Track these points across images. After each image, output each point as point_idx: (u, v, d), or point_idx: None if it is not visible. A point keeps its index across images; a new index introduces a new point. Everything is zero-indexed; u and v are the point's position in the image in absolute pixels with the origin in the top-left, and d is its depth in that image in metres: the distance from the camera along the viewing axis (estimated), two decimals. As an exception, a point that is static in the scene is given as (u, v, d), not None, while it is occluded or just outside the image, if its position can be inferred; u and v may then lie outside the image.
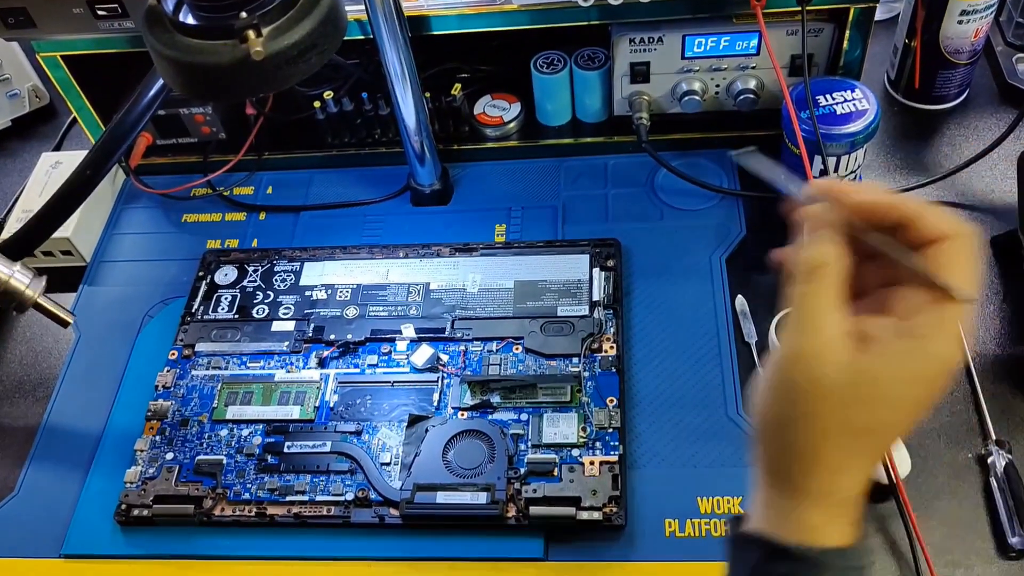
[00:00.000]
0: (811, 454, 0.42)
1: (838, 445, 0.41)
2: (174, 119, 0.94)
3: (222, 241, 0.91)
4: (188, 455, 0.74)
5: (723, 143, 0.91)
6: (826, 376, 0.40)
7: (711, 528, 0.67)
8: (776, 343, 0.74)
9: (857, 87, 0.80)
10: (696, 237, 0.84)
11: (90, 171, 0.74)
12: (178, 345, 0.81)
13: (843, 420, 0.41)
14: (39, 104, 1.09)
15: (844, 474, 0.42)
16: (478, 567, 0.67)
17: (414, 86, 0.80)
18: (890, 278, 0.42)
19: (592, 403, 0.73)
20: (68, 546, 0.71)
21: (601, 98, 0.91)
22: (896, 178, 0.88)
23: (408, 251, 0.85)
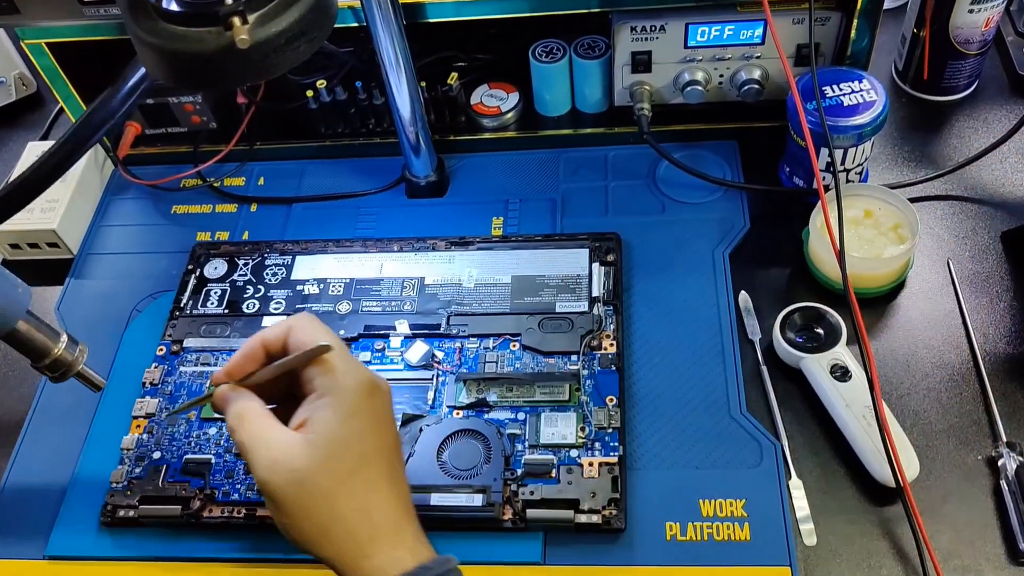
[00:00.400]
0: (336, 530, 0.53)
1: (347, 511, 0.53)
2: (163, 108, 0.92)
3: (212, 233, 0.89)
4: (176, 454, 0.72)
5: (726, 134, 0.88)
6: (292, 484, 0.52)
7: (713, 532, 0.65)
8: (781, 341, 0.72)
9: (865, 78, 0.78)
10: (698, 231, 0.82)
11: (56, 160, 0.71)
12: (166, 341, 0.79)
13: (328, 501, 0.52)
14: (26, 92, 1.07)
15: (368, 516, 0.53)
16: (474, 571, 0.65)
17: (409, 75, 0.78)
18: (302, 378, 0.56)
19: (591, 402, 0.71)
20: (52, 547, 0.69)
21: (601, 88, 0.89)
22: (904, 171, 0.86)
23: (403, 244, 0.83)
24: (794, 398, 0.72)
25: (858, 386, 0.69)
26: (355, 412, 0.54)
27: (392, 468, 0.56)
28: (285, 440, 0.53)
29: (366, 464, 0.54)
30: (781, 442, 0.69)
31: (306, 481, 0.52)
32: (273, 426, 0.54)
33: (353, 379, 0.55)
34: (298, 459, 0.53)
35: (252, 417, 0.55)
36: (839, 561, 0.64)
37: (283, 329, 0.57)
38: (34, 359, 0.63)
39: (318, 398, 0.55)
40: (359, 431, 0.54)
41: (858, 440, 0.67)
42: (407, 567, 0.52)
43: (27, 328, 0.60)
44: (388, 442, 0.56)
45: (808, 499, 0.67)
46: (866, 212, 0.78)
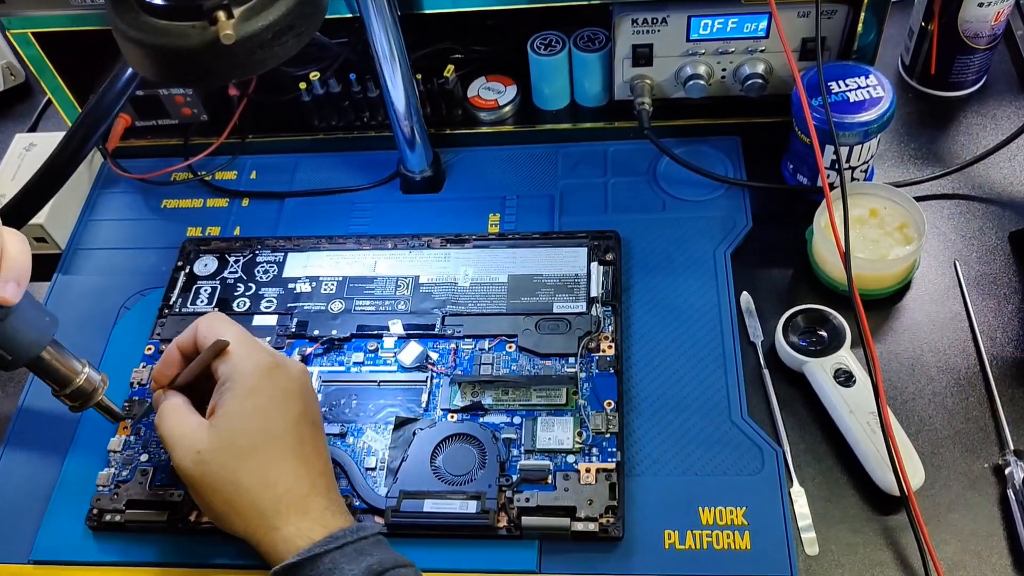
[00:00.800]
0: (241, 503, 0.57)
1: (249, 484, 0.57)
2: (153, 100, 0.90)
3: (203, 228, 0.87)
4: (164, 457, 0.70)
5: (729, 130, 0.86)
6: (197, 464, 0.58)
7: (713, 540, 0.63)
8: (783, 344, 0.70)
9: (872, 73, 0.76)
10: (700, 230, 0.80)
11: (64, 159, 0.71)
12: (155, 339, 0.77)
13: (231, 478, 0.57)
14: (14, 82, 1.05)
15: (271, 489, 0.57)
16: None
17: (403, 67, 0.76)
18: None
19: (589, 406, 0.69)
20: (37, 551, 0.68)
21: (601, 82, 0.87)
22: (910, 169, 0.84)
23: (397, 241, 0.81)
24: (796, 402, 0.70)
25: (862, 391, 0.67)
26: (253, 391, 0.59)
27: (299, 440, 0.60)
28: (192, 425, 0.60)
29: (266, 440, 0.58)
30: (783, 448, 0.67)
31: (210, 461, 0.58)
32: (186, 416, 0.61)
33: (250, 362, 0.60)
34: (202, 441, 0.58)
35: (169, 412, 0.61)
36: (841, 571, 0.62)
37: (191, 331, 0.64)
38: (55, 387, 0.64)
39: (221, 385, 0.61)
40: (258, 409, 0.59)
41: (862, 447, 0.65)
42: (315, 537, 0.55)
43: (51, 357, 0.62)
44: (293, 416, 0.60)
45: (810, 507, 0.65)
46: (871, 211, 0.76)
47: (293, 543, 0.55)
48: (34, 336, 0.60)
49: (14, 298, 0.55)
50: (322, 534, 0.56)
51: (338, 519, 0.58)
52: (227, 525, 0.59)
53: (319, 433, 0.62)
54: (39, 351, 0.61)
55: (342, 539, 0.55)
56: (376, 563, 0.55)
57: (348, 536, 0.55)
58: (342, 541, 0.55)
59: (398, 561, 0.56)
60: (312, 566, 0.54)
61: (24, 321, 0.58)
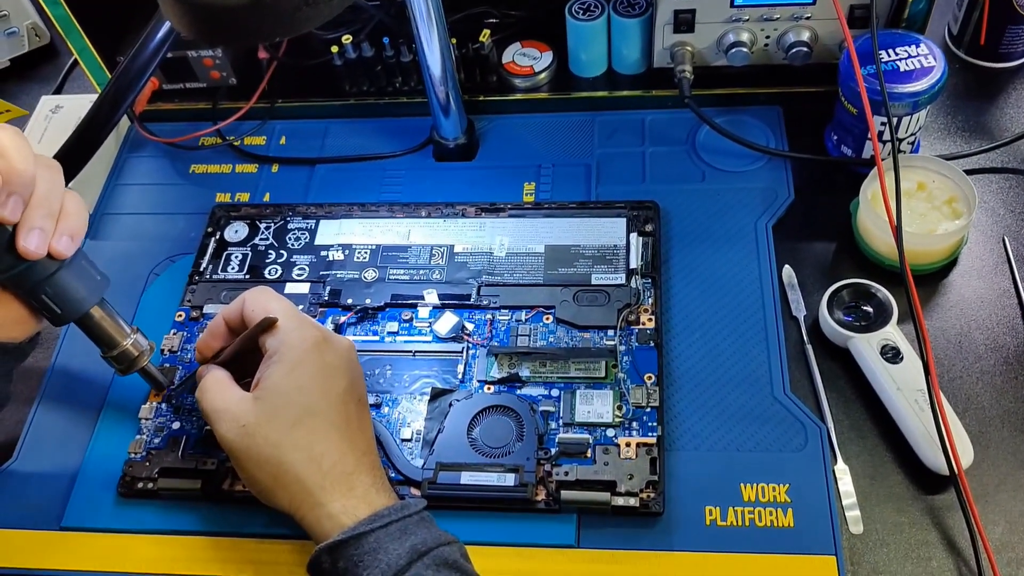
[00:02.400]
0: (286, 478, 0.57)
1: (294, 459, 0.56)
2: (182, 62, 0.88)
3: (232, 195, 0.86)
4: (196, 425, 0.69)
5: (771, 100, 0.84)
6: (242, 437, 0.57)
7: (755, 517, 0.62)
8: (828, 319, 0.69)
9: (922, 41, 0.74)
10: (741, 201, 0.78)
11: (96, 125, 0.70)
12: (185, 306, 0.76)
13: (276, 452, 0.57)
14: (39, 43, 1.03)
15: (316, 464, 0.56)
16: (505, 553, 0.63)
17: (440, 31, 0.74)
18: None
19: (628, 380, 0.68)
20: (68, 518, 0.67)
21: (640, 48, 0.85)
22: (957, 142, 0.82)
23: (431, 210, 0.80)
24: (840, 379, 0.69)
25: (910, 368, 0.66)
26: (298, 365, 0.59)
27: (344, 417, 0.59)
28: (236, 398, 0.59)
29: (311, 414, 0.58)
30: (827, 425, 0.66)
31: (254, 434, 0.57)
32: (229, 389, 0.60)
33: (297, 336, 0.60)
34: (247, 414, 0.58)
35: (212, 385, 0.61)
36: (886, 551, 0.61)
37: (238, 303, 0.63)
38: (103, 348, 0.65)
39: (268, 358, 0.60)
40: (302, 384, 0.58)
41: (909, 425, 0.64)
42: (360, 515, 0.55)
43: (101, 315, 0.63)
44: (339, 391, 0.59)
45: (855, 485, 0.64)
46: (919, 185, 0.74)
47: (338, 520, 0.55)
48: (84, 292, 0.61)
49: (67, 251, 0.57)
50: (367, 512, 0.55)
51: (382, 497, 0.57)
52: (271, 499, 0.58)
53: (364, 410, 0.62)
54: (88, 307, 0.62)
55: (387, 517, 0.55)
56: (420, 542, 0.54)
57: (393, 515, 0.55)
58: (387, 519, 0.54)
59: (442, 539, 0.55)
60: (357, 544, 0.53)
61: (76, 276, 0.60)
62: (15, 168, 0.53)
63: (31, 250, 0.55)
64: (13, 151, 0.53)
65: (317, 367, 0.59)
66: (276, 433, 0.57)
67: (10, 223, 0.54)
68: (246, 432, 0.57)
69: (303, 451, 0.57)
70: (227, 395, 0.60)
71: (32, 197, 0.55)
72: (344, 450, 0.58)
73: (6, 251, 0.55)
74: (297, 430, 0.57)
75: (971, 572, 0.60)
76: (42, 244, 0.56)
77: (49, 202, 0.56)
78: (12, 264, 0.56)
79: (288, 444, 0.57)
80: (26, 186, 0.54)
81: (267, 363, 0.60)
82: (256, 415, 0.57)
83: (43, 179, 0.55)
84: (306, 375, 0.59)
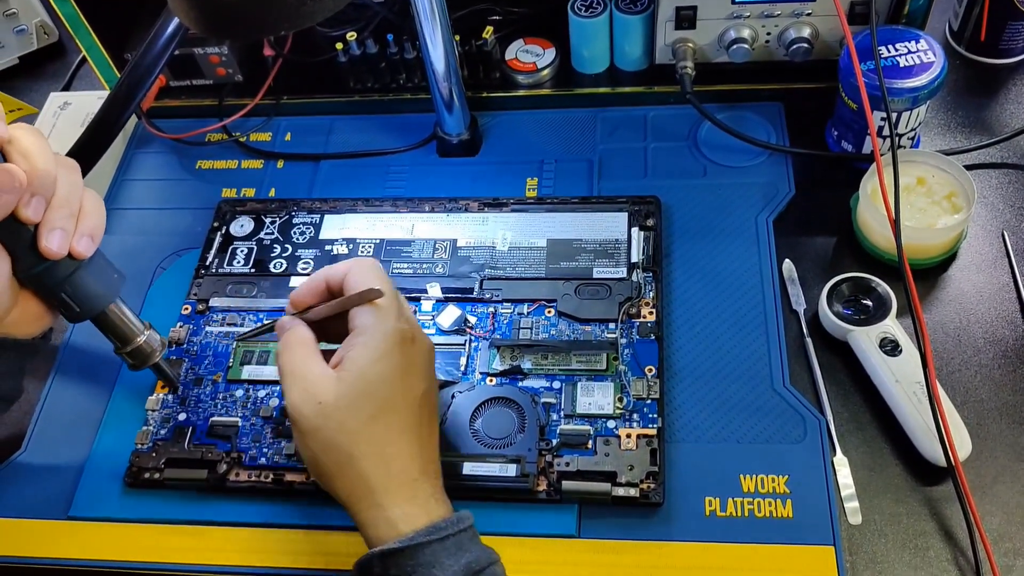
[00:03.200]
0: (351, 470, 0.54)
1: (364, 453, 0.54)
2: (188, 59, 0.89)
3: (238, 190, 0.87)
4: (202, 416, 0.70)
5: (772, 96, 0.85)
6: (316, 415, 0.54)
7: (755, 508, 0.63)
8: (827, 313, 0.69)
9: (922, 37, 0.74)
10: (741, 196, 0.79)
11: (108, 122, 0.71)
12: (191, 299, 0.77)
13: (348, 440, 0.54)
14: (48, 41, 1.04)
15: (385, 465, 0.55)
16: (506, 542, 0.63)
17: (444, 27, 0.75)
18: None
19: (629, 372, 0.68)
20: (76, 508, 0.68)
21: (642, 45, 0.85)
22: (956, 138, 0.83)
23: (434, 204, 0.81)
24: (839, 372, 0.70)
25: (908, 361, 0.66)
26: (385, 355, 0.56)
27: (418, 421, 0.57)
28: (316, 372, 0.56)
29: (390, 411, 0.56)
30: (826, 417, 0.67)
31: (330, 415, 0.55)
32: (311, 357, 0.57)
33: (391, 324, 0.57)
34: (326, 393, 0.55)
35: (295, 345, 0.58)
36: (884, 541, 0.62)
37: (344, 268, 0.59)
38: (116, 344, 0.66)
39: (355, 337, 0.57)
40: (386, 376, 0.56)
41: (907, 417, 0.65)
42: (418, 525, 0.54)
43: (116, 313, 0.64)
44: (417, 394, 0.57)
45: (853, 476, 0.64)
46: (919, 180, 0.74)
47: (395, 527, 0.54)
48: (103, 290, 0.61)
49: (87, 252, 0.58)
50: (424, 521, 0.54)
51: (440, 508, 0.56)
52: (328, 485, 0.57)
53: (435, 417, 0.60)
54: (106, 305, 0.62)
55: (444, 530, 0.53)
56: (474, 560, 0.53)
57: (449, 528, 0.54)
58: (444, 533, 0.53)
59: (491, 558, 0.55)
60: (413, 555, 0.52)
61: (95, 275, 0.60)
62: (37, 169, 0.53)
63: (53, 250, 0.55)
64: (35, 152, 0.53)
65: (403, 363, 0.57)
66: (353, 421, 0.55)
67: (32, 223, 0.55)
68: (321, 411, 0.55)
69: (375, 447, 0.55)
70: (309, 363, 0.57)
71: (54, 197, 0.55)
72: (413, 455, 0.56)
73: (28, 250, 0.56)
74: (374, 424, 0.55)
75: (968, 562, 0.61)
76: (64, 244, 0.56)
77: (70, 202, 0.56)
78: (34, 263, 0.57)
79: (362, 437, 0.55)
80: (48, 187, 0.54)
81: (352, 342, 0.56)
82: (336, 396, 0.55)
83: (64, 179, 0.56)
84: (391, 368, 0.56)
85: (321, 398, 0.55)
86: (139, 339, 0.66)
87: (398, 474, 0.55)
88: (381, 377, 0.56)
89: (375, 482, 0.54)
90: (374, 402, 0.55)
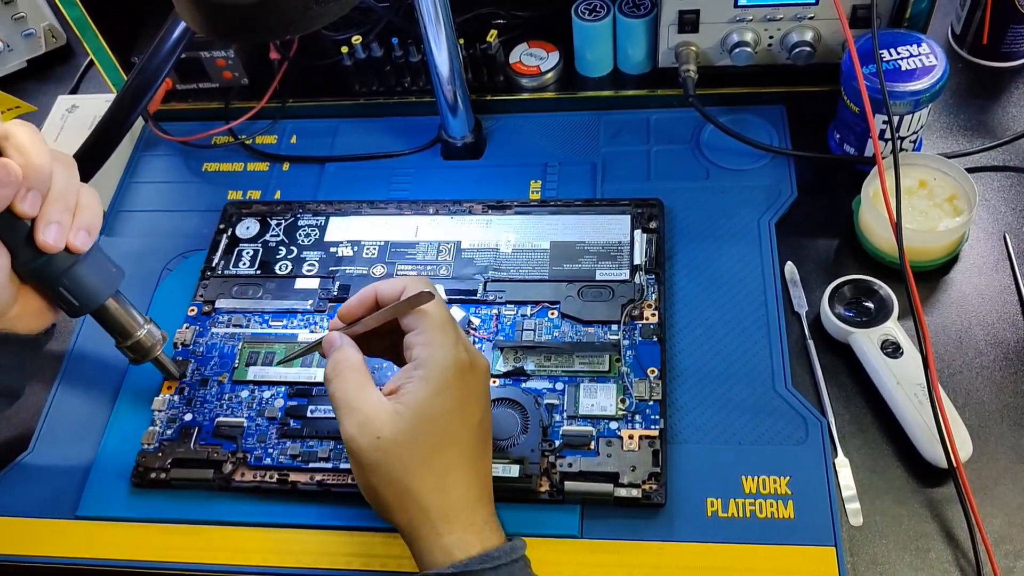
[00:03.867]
0: (410, 502, 0.54)
1: (423, 486, 0.54)
2: (195, 63, 0.90)
3: (244, 192, 0.87)
4: (207, 416, 0.70)
5: (774, 99, 0.85)
6: (375, 449, 0.53)
7: (756, 509, 0.63)
8: (829, 315, 0.70)
9: (924, 41, 0.75)
10: (744, 199, 0.79)
11: (114, 124, 0.71)
12: (198, 301, 0.78)
13: (407, 474, 0.54)
14: (56, 44, 1.05)
15: (444, 494, 0.54)
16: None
17: (448, 31, 0.75)
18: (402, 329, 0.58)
19: (632, 373, 0.69)
20: (84, 508, 0.69)
21: (645, 48, 0.86)
22: (959, 141, 0.83)
23: (438, 207, 0.81)
24: (841, 374, 0.70)
25: (910, 363, 0.66)
26: (444, 389, 0.55)
27: (475, 449, 0.57)
28: (372, 403, 0.55)
29: (449, 444, 0.55)
30: (827, 419, 0.67)
31: (389, 451, 0.54)
32: (364, 386, 0.56)
33: (449, 354, 0.56)
34: (384, 427, 0.54)
35: (347, 372, 0.57)
36: (885, 542, 0.62)
37: (399, 285, 0.58)
38: (117, 338, 0.67)
39: (414, 368, 0.56)
40: (446, 410, 0.55)
41: (908, 418, 0.65)
42: (472, 552, 0.53)
43: (116, 307, 0.65)
44: (475, 422, 0.57)
45: (855, 478, 0.65)
46: (920, 182, 0.75)
47: (451, 553, 0.54)
48: (101, 285, 0.62)
49: (84, 246, 0.59)
50: (478, 548, 0.54)
51: (495, 535, 0.56)
52: (388, 515, 0.56)
53: (489, 439, 0.60)
54: (104, 299, 0.63)
55: (497, 559, 0.53)
56: None
57: (503, 557, 0.54)
58: (497, 562, 0.53)
59: None
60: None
61: (93, 269, 0.61)
62: (33, 163, 0.54)
63: (49, 243, 0.57)
64: (31, 147, 0.54)
65: (461, 395, 0.56)
66: (412, 456, 0.54)
67: (29, 217, 0.56)
68: (380, 446, 0.54)
69: (434, 480, 0.54)
70: (364, 393, 0.55)
71: (49, 192, 0.56)
72: (471, 482, 0.56)
73: (25, 245, 0.57)
74: (433, 458, 0.55)
75: (969, 564, 0.61)
76: (60, 238, 0.57)
77: (66, 197, 0.57)
78: (32, 257, 0.58)
79: (421, 471, 0.54)
80: (44, 181, 0.55)
81: (411, 374, 0.55)
82: (395, 432, 0.54)
83: (60, 174, 0.57)
84: (451, 402, 0.55)
85: (379, 432, 0.54)
86: (139, 333, 0.67)
87: (455, 502, 0.55)
88: (440, 411, 0.55)
89: (434, 513, 0.54)
90: (433, 437, 0.55)
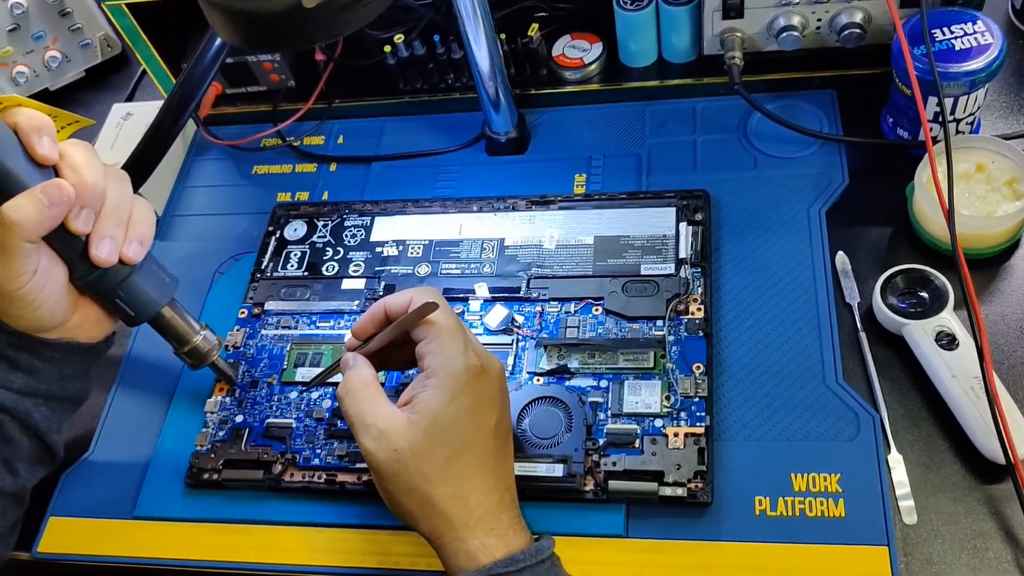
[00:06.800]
0: (431, 510, 0.55)
1: (443, 494, 0.55)
2: (243, 67, 0.91)
3: (292, 194, 0.88)
4: (258, 418, 0.72)
5: (824, 83, 0.83)
6: (393, 462, 0.55)
7: (806, 508, 0.62)
8: (881, 306, 0.68)
9: (979, 18, 0.72)
10: (793, 188, 0.78)
11: (161, 132, 0.73)
12: (248, 303, 0.79)
13: (425, 483, 0.55)
14: (111, 53, 1.08)
15: (464, 500, 0.55)
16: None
17: (487, 27, 0.75)
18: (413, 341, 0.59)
19: (677, 370, 0.68)
20: (141, 508, 0.71)
21: (690, 36, 0.84)
22: (1019, 121, 0.80)
23: (482, 204, 0.81)
24: (894, 367, 0.68)
25: (966, 355, 0.64)
26: (457, 396, 0.56)
27: (494, 452, 0.58)
28: (386, 416, 0.56)
29: (465, 450, 0.56)
30: (880, 413, 0.65)
31: (406, 462, 0.55)
32: (376, 400, 0.57)
33: (460, 362, 0.57)
34: (399, 439, 0.55)
35: (359, 389, 0.58)
36: (941, 541, 0.60)
37: (405, 298, 0.60)
38: (175, 345, 0.69)
39: (426, 378, 0.57)
40: (459, 417, 0.56)
41: (965, 413, 0.63)
42: (497, 555, 0.54)
43: (171, 315, 0.67)
44: (490, 426, 0.58)
45: (908, 475, 0.63)
46: (978, 166, 0.72)
47: (475, 558, 0.55)
48: (155, 294, 0.64)
49: (136, 257, 0.61)
50: (503, 552, 0.55)
51: (519, 538, 0.56)
52: (410, 522, 0.57)
53: (509, 441, 0.60)
54: (159, 309, 0.65)
55: (521, 562, 0.54)
56: None
57: (527, 560, 0.55)
58: (521, 564, 0.54)
59: None
60: None
61: (146, 280, 0.63)
62: (87, 183, 0.57)
63: (103, 257, 0.59)
64: (84, 167, 0.57)
65: (474, 400, 0.57)
66: (429, 466, 0.55)
67: (83, 234, 0.58)
68: (397, 458, 0.55)
69: (453, 487, 0.56)
70: (377, 408, 0.57)
71: (103, 208, 0.59)
72: (491, 487, 0.57)
73: (81, 259, 0.59)
74: (451, 466, 0.56)
75: (1030, 563, 0.59)
76: (113, 252, 0.59)
77: (119, 212, 0.60)
78: (87, 271, 0.60)
79: (440, 479, 0.55)
80: (97, 199, 0.58)
81: (424, 383, 0.57)
82: (410, 443, 0.55)
83: (113, 190, 0.59)
84: (464, 408, 0.56)
85: (395, 445, 0.55)
86: (195, 339, 0.68)
87: (476, 508, 0.56)
88: (454, 419, 0.56)
89: (456, 520, 0.55)
90: (448, 445, 0.56)
